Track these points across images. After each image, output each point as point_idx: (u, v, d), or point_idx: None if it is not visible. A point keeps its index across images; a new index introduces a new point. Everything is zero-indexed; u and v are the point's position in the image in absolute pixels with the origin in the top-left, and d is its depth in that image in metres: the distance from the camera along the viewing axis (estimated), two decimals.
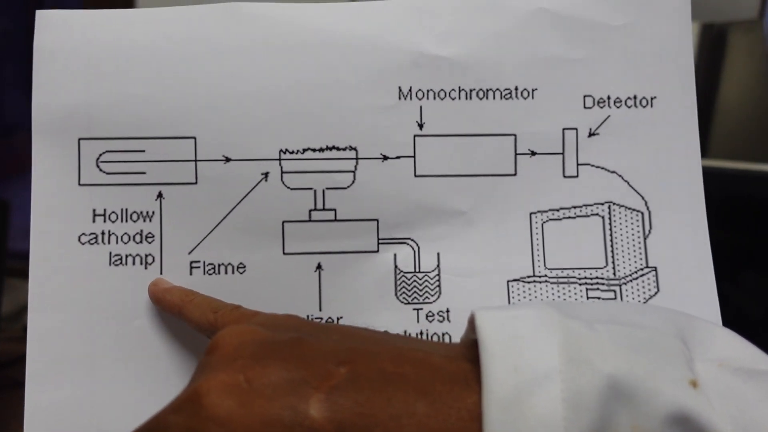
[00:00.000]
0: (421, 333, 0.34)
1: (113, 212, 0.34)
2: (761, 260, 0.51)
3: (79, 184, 0.34)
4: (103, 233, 0.34)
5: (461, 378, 0.22)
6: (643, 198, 0.35)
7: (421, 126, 0.35)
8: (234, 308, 0.31)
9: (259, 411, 0.21)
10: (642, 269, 0.34)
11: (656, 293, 0.34)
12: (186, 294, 0.33)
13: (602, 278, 0.34)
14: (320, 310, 0.34)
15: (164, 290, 0.33)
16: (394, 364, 0.22)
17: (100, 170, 0.34)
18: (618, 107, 0.35)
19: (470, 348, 0.23)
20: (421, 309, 0.34)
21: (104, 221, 0.34)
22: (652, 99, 0.35)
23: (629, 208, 0.35)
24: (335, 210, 0.34)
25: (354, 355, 0.23)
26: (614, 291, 0.34)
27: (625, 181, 0.35)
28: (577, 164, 0.35)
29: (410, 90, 0.35)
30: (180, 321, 0.33)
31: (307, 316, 0.34)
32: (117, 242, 0.34)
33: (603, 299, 0.34)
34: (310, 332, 0.24)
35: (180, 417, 0.22)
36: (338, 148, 0.34)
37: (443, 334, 0.34)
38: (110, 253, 0.34)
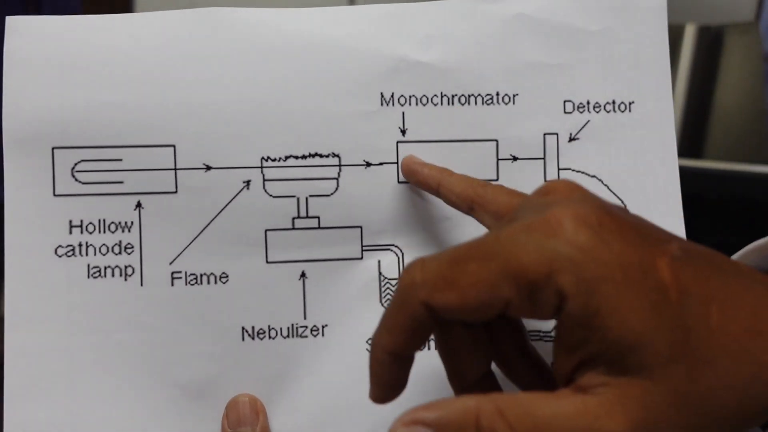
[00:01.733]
0: None
1: (90, 223, 0.33)
2: None
3: (54, 195, 0.33)
4: (80, 245, 0.33)
5: None
6: (622, 201, 0.35)
7: (403, 132, 0.34)
8: (501, 186, 0.31)
9: (617, 249, 0.21)
10: None
11: None
12: (444, 169, 0.33)
13: None
14: (305, 318, 0.34)
15: (421, 164, 0.34)
16: (718, 256, 0.23)
17: (76, 180, 0.33)
18: (597, 112, 0.35)
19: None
20: None
21: (81, 232, 0.33)
22: (630, 104, 0.35)
23: None
24: (318, 217, 0.34)
25: (674, 236, 0.23)
26: None
27: (605, 185, 0.35)
28: (558, 169, 0.35)
29: (392, 96, 0.34)
30: (163, 328, 0.33)
31: (292, 325, 0.34)
32: (95, 254, 0.33)
33: None
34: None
35: (534, 237, 0.22)
36: (321, 155, 0.34)
37: (428, 341, 0.34)
38: (88, 266, 0.33)
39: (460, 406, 0.21)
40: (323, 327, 0.34)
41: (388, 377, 0.24)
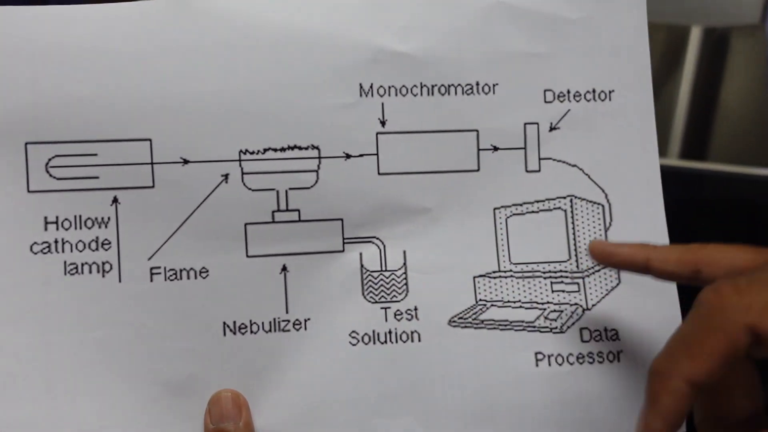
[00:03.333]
0: (390, 332, 0.34)
1: (66, 219, 0.33)
2: None
3: (28, 191, 0.32)
4: (56, 241, 0.32)
5: None
6: (603, 191, 0.35)
7: (383, 123, 0.34)
8: (721, 244, 0.28)
9: None
10: None
11: (618, 285, 0.35)
12: (646, 245, 0.31)
13: (566, 271, 0.35)
14: (287, 312, 0.34)
15: (614, 245, 0.32)
16: None
17: (50, 176, 0.32)
18: (578, 101, 0.35)
19: None
20: (389, 307, 0.34)
21: (57, 229, 0.33)
22: (610, 92, 0.35)
23: (590, 201, 0.35)
24: (299, 210, 0.34)
25: None
26: (578, 284, 0.35)
27: (586, 174, 0.35)
28: (539, 159, 0.35)
29: (371, 87, 0.34)
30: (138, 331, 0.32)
31: (274, 319, 0.34)
32: (72, 250, 0.33)
33: (567, 292, 0.35)
34: None
35: None
36: (300, 148, 0.34)
37: (412, 333, 0.34)
38: (65, 262, 0.33)
39: None
40: (306, 321, 0.34)
41: (678, 409, 0.22)
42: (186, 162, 0.33)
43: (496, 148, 0.35)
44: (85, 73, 0.32)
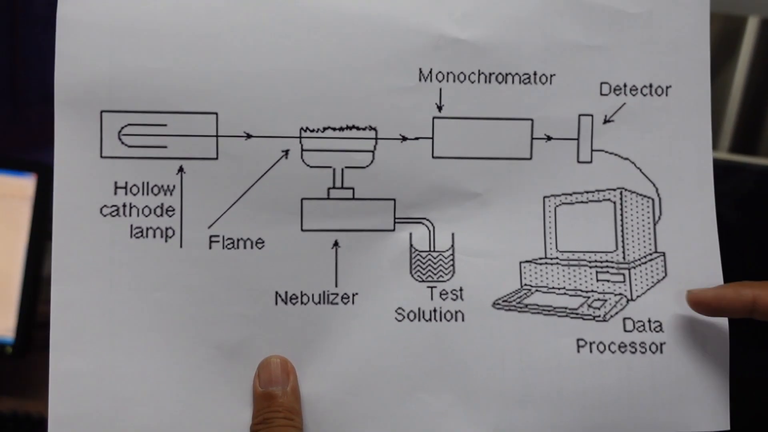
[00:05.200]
0: (435, 310, 0.35)
1: (134, 185, 0.34)
2: None
3: (101, 157, 0.34)
4: (124, 206, 0.34)
5: None
6: (654, 185, 0.35)
7: (440, 108, 0.35)
8: None
9: None
10: (651, 254, 0.35)
11: (664, 277, 0.35)
12: (745, 282, 0.30)
13: (612, 262, 0.35)
14: (336, 286, 0.35)
15: (711, 290, 0.33)
16: None
17: (122, 143, 0.34)
18: (633, 95, 0.35)
19: None
20: (435, 287, 0.35)
21: (126, 194, 0.34)
22: (667, 88, 0.36)
23: (640, 195, 0.35)
24: (353, 189, 0.35)
25: None
26: (623, 274, 0.35)
27: (638, 168, 0.35)
28: (592, 150, 0.36)
29: (430, 72, 0.35)
30: (195, 294, 0.34)
31: (323, 292, 0.35)
32: (138, 215, 0.34)
33: (612, 282, 0.35)
34: None
35: None
36: (358, 128, 0.35)
37: (456, 312, 0.35)
38: (131, 226, 0.34)
39: None
40: (354, 295, 0.35)
41: None
42: (249, 136, 0.34)
43: (549, 138, 0.35)
44: (160, 47, 0.34)
